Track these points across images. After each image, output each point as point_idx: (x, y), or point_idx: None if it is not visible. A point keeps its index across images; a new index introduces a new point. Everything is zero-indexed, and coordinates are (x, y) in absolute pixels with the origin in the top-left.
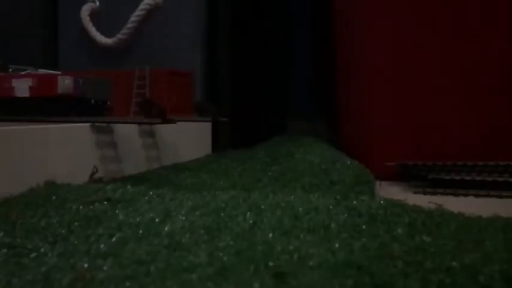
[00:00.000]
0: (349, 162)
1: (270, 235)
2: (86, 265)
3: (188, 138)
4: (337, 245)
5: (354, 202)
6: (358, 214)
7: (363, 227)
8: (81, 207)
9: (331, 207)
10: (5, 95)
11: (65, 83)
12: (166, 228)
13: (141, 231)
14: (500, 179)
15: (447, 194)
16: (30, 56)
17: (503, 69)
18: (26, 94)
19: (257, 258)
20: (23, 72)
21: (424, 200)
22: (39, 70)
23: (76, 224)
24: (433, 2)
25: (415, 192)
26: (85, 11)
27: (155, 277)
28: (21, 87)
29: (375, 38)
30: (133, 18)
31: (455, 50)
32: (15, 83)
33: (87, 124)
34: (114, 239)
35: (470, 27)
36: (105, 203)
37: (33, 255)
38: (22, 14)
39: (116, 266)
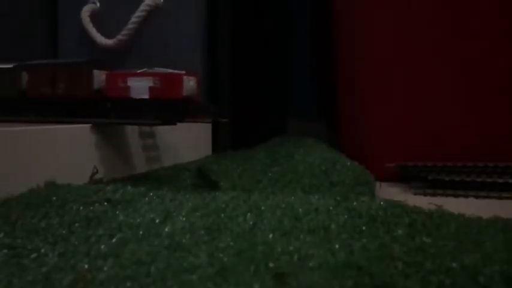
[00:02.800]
0: (349, 163)
1: (270, 236)
2: (86, 266)
3: (188, 139)
4: (337, 246)
5: (354, 203)
6: (358, 215)
7: (363, 227)
8: (81, 207)
9: (331, 208)
10: (118, 96)
11: (189, 84)
12: (166, 229)
13: (141, 232)
14: (500, 180)
15: (447, 195)
16: (30, 56)
17: (504, 70)
18: (145, 95)
19: (257, 259)
20: (139, 70)
21: (424, 201)
22: (155, 69)
23: (76, 224)
24: (433, 2)
25: (415, 193)
26: (85, 11)
27: (155, 277)
28: (140, 88)
29: (375, 38)
30: (133, 19)
31: (456, 50)
32: (132, 82)
33: (88, 125)
34: (114, 240)
35: (470, 27)
36: (106, 203)
37: (33, 255)
38: (22, 14)
39: (116, 267)
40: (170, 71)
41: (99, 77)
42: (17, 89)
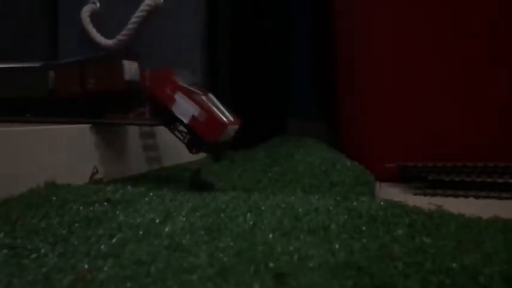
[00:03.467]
0: (349, 163)
1: (270, 236)
2: (86, 266)
3: None
4: (337, 246)
5: (354, 203)
6: (358, 215)
7: (363, 228)
8: (81, 208)
9: (331, 208)
10: (158, 99)
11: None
12: (166, 229)
13: (141, 232)
14: (500, 180)
15: (447, 195)
16: (30, 57)
17: (504, 70)
18: (185, 119)
19: (257, 259)
20: (192, 87)
21: (424, 201)
22: (210, 95)
23: (76, 224)
24: (433, 2)
25: (415, 194)
26: (85, 11)
27: (155, 278)
28: (185, 109)
29: (374, 38)
30: (133, 19)
31: (456, 51)
32: (180, 98)
33: (88, 125)
34: (114, 240)
35: (470, 27)
36: (106, 203)
37: (33, 256)
38: (22, 14)
39: (116, 267)
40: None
41: (130, 68)
42: (47, 89)
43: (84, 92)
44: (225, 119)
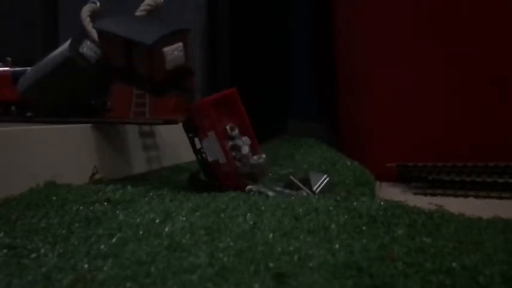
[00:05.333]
0: (349, 163)
1: (270, 236)
2: (86, 266)
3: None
4: (337, 246)
5: (354, 203)
6: (359, 215)
7: (363, 228)
8: (81, 207)
9: (331, 208)
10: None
11: None
12: (166, 229)
13: (141, 232)
14: (500, 180)
15: (447, 195)
16: (30, 57)
17: (504, 70)
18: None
19: (257, 259)
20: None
21: (424, 201)
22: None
23: (76, 224)
24: (433, 2)
25: (415, 193)
26: (85, 11)
27: (155, 278)
28: (213, 149)
29: (374, 38)
30: None
31: (455, 51)
32: (208, 141)
33: (88, 124)
34: (114, 240)
35: (470, 28)
36: (106, 203)
37: (33, 255)
38: (22, 14)
39: (116, 267)
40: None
41: (173, 53)
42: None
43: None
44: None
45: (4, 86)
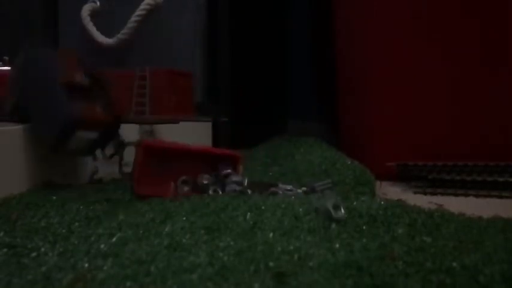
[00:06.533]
0: (349, 162)
1: (270, 235)
2: (86, 265)
3: (188, 139)
4: (337, 246)
5: (354, 203)
6: (359, 214)
7: (363, 227)
8: (81, 207)
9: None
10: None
11: None
12: (166, 229)
13: (141, 232)
14: (500, 179)
15: (447, 194)
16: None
17: (504, 70)
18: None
19: (257, 259)
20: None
21: (424, 200)
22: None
23: (76, 224)
24: (433, 3)
25: (416, 193)
26: (85, 10)
27: (155, 277)
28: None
29: (374, 38)
30: (133, 18)
31: (455, 51)
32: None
33: None
34: (114, 239)
35: (470, 28)
36: (106, 203)
37: (33, 255)
38: (22, 14)
39: (116, 266)
40: None
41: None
42: None
43: None
44: None
45: (3, 85)
